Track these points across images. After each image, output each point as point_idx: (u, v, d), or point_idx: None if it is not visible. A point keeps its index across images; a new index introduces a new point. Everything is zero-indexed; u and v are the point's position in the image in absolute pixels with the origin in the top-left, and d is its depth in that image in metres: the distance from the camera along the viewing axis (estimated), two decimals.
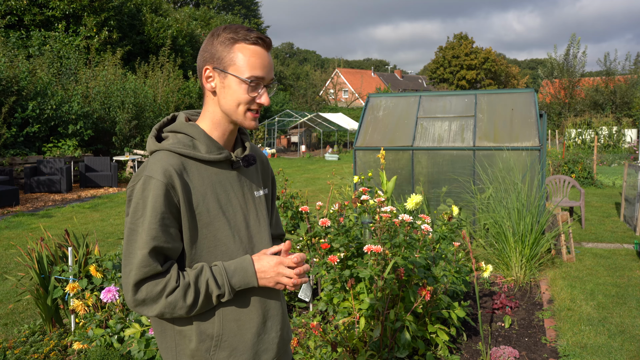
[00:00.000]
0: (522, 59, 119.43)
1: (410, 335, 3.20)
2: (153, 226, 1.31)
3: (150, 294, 1.31)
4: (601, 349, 3.88)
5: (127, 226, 1.34)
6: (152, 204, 1.31)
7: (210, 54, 1.40)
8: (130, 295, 1.32)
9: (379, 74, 65.93)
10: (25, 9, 20.61)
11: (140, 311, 1.34)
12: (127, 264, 1.32)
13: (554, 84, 29.74)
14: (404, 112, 7.51)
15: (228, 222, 1.43)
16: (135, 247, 1.31)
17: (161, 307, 1.32)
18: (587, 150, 20.65)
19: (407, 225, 3.33)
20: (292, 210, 5.21)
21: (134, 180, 1.36)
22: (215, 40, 1.39)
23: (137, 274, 1.30)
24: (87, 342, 3.23)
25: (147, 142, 1.44)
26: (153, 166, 1.34)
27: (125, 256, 1.33)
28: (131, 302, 1.33)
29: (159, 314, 1.34)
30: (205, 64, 1.41)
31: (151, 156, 1.40)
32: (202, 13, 34.10)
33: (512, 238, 5.34)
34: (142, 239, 1.30)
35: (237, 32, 1.38)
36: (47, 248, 3.97)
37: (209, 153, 1.41)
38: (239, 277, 1.40)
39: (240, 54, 1.37)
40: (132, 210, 1.34)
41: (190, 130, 1.42)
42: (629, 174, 8.67)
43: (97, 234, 7.64)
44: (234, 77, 1.37)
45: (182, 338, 1.42)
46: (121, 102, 16.11)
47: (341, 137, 32.90)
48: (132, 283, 1.31)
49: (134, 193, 1.35)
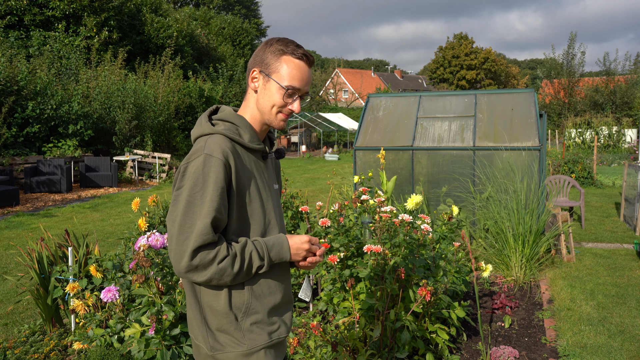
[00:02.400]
0: (522, 59, 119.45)
1: (410, 335, 3.19)
2: (215, 199, 1.46)
3: (203, 261, 1.45)
4: (601, 349, 3.88)
5: (184, 198, 1.47)
6: (214, 179, 1.47)
7: (261, 59, 1.61)
8: (186, 260, 1.44)
9: (379, 74, 65.91)
10: (25, 9, 20.60)
11: (191, 276, 1.48)
12: (183, 232, 1.45)
13: (554, 84, 29.74)
14: (404, 112, 7.51)
15: (262, 205, 1.62)
16: (194, 217, 1.46)
17: (212, 272, 1.47)
18: (587, 150, 20.66)
19: (407, 225, 3.33)
20: (292, 210, 5.21)
21: (189, 158, 1.51)
22: (268, 49, 1.61)
23: (196, 241, 1.44)
24: (87, 342, 3.23)
25: (200, 126, 1.60)
26: (212, 146, 1.50)
27: (181, 225, 1.46)
28: (184, 267, 1.45)
29: (207, 279, 1.48)
30: (255, 66, 1.62)
31: (208, 138, 1.54)
32: (202, 13, 34.11)
33: (512, 238, 5.34)
34: (204, 209, 1.45)
35: (287, 46, 1.59)
36: (47, 248, 3.98)
37: (251, 142, 1.61)
38: (276, 251, 1.59)
39: (285, 65, 1.59)
40: (190, 184, 1.47)
41: (237, 120, 1.62)
42: (629, 174, 8.67)
43: (97, 234, 7.64)
44: (275, 83, 1.59)
45: (215, 305, 1.56)
46: (121, 102, 16.10)
47: (341, 137, 32.89)
48: (191, 250, 1.44)
49: (190, 169, 1.49)
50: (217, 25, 34.15)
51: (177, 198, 1.49)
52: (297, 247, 1.63)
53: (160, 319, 2.68)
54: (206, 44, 29.27)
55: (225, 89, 24.93)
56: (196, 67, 26.74)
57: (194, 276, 1.48)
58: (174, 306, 2.75)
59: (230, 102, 24.41)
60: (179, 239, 1.46)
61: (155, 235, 2.63)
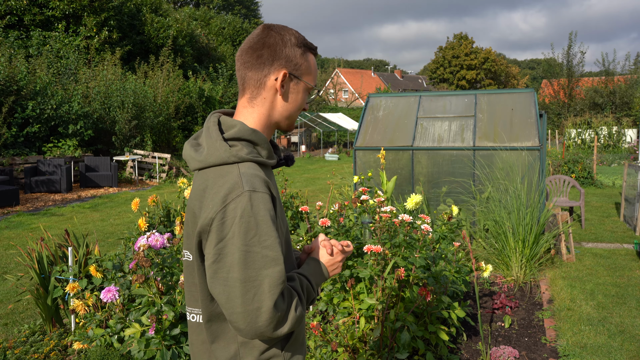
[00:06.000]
0: (522, 59, 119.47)
1: (410, 335, 3.20)
2: (277, 240, 1.22)
3: (282, 312, 1.22)
4: (601, 349, 3.88)
5: (237, 249, 1.19)
6: (269, 218, 1.22)
7: (287, 58, 1.35)
8: (271, 316, 1.19)
9: (379, 74, 65.93)
10: (25, 9, 20.60)
11: (277, 332, 1.23)
12: (252, 288, 1.19)
13: (553, 85, 29.74)
14: (404, 112, 7.51)
15: (286, 224, 1.41)
16: (262, 266, 1.20)
17: (293, 319, 1.25)
18: (587, 150, 20.65)
19: (407, 225, 3.33)
20: (292, 210, 5.21)
21: (227, 199, 1.21)
22: (290, 44, 1.36)
23: (277, 290, 1.20)
24: (87, 342, 3.23)
25: (217, 150, 1.29)
26: (252, 179, 1.24)
27: (246, 282, 1.18)
28: (272, 324, 1.20)
29: (290, 328, 1.25)
30: (283, 67, 1.35)
31: (239, 167, 1.27)
32: (202, 13, 34.12)
33: (512, 238, 5.34)
34: (271, 254, 1.20)
35: (305, 40, 1.39)
36: (47, 248, 3.98)
37: (269, 158, 1.37)
38: (318, 277, 1.41)
39: (311, 64, 1.40)
40: (242, 231, 1.19)
41: (255, 137, 1.33)
42: (629, 174, 8.67)
43: (97, 234, 7.64)
44: (305, 85, 1.39)
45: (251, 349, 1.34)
46: (121, 102, 16.11)
47: (341, 137, 32.89)
48: (271, 305, 1.19)
49: (233, 213, 1.20)
50: (217, 25, 34.17)
51: (224, 251, 1.20)
52: (330, 264, 1.44)
53: (160, 319, 2.68)
54: (206, 44, 29.28)
55: (225, 89, 24.94)
56: (196, 67, 26.75)
57: (280, 331, 1.24)
58: (174, 306, 2.75)
59: (230, 102, 24.40)
60: (245, 297, 1.18)
61: (155, 236, 2.63)
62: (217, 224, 1.20)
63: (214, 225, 1.21)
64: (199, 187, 1.30)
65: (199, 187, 1.30)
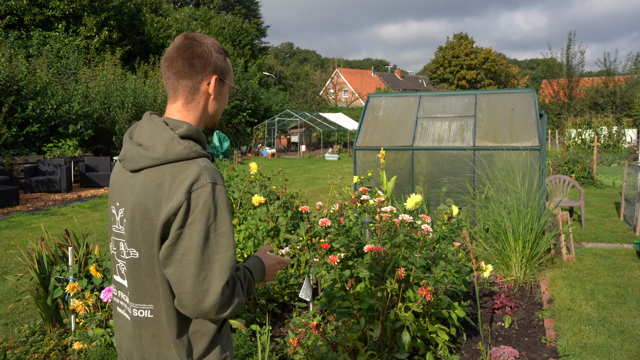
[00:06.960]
0: (522, 59, 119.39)
1: (410, 335, 3.20)
2: (230, 228, 1.36)
3: (226, 296, 1.35)
4: (601, 349, 3.88)
5: (197, 234, 1.32)
6: (225, 207, 1.37)
7: (214, 65, 1.51)
8: (217, 298, 1.32)
9: (379, 74, 65.94)
10: (25, 9, 20.61)
11: (220, 314, 1.35)
12: (204, 270, 1.31)
13: (553, 85, 29.74)
14: (404, 112, 7.51)
15: None
16: (215, 251, 1.33)
17: (234, 305, 1.37)
18: (587, 150, 20.65)
19: (407, 225, 3.33)
20: (292, 210, 5.21)
21: (191, 189, 1.33)
22: (214, 51, 1.51)
23: (226, 275, 1.33)
24: (87, 342, 3.23)
25: (174, 146, 1.38)
26: (212, 172, 1.38)
27: (200, 264, 1.31)
28: (216, 307, 1.33)
29: (230, 313, 1.37)
30: (213, 73, 1.51)
31: (199, 162, 1.38)
32: (202, 13, 34.08)
33: (512, 238, 5.34)
34: (225, 241, 1.35)
35: (221, 46, 1.56)
36: (47, 248, 3.98)
37: None
38: (258, 274, 1.57)
39: (230, 66, 1.58)
40: (203, 218, 1.32)
41: (199, 136, 1.48)
42: (629, 174, 8.67)
43: (97, 234, 7.63)
44: (229, 86, 1.58)
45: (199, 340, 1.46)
46: (121, 102, 16.11)
47: (341, 137, 32.90)
48: (221, 286, 1.32)
49: (198, 200, 1.32)
50: (217, 25, 34.14)
51: (183, 234, 1.32)
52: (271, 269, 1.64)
53: None
54: None
55: None
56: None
57: (223, 312, 1.36)
58: None
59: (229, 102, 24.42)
60: (197, 279, 1.31)
61: None
62: (182, 211, 1.32)
63: (179, 213, 1.32)
64: (152, 183, 1.37)
65: (151, 182, 1.37)
